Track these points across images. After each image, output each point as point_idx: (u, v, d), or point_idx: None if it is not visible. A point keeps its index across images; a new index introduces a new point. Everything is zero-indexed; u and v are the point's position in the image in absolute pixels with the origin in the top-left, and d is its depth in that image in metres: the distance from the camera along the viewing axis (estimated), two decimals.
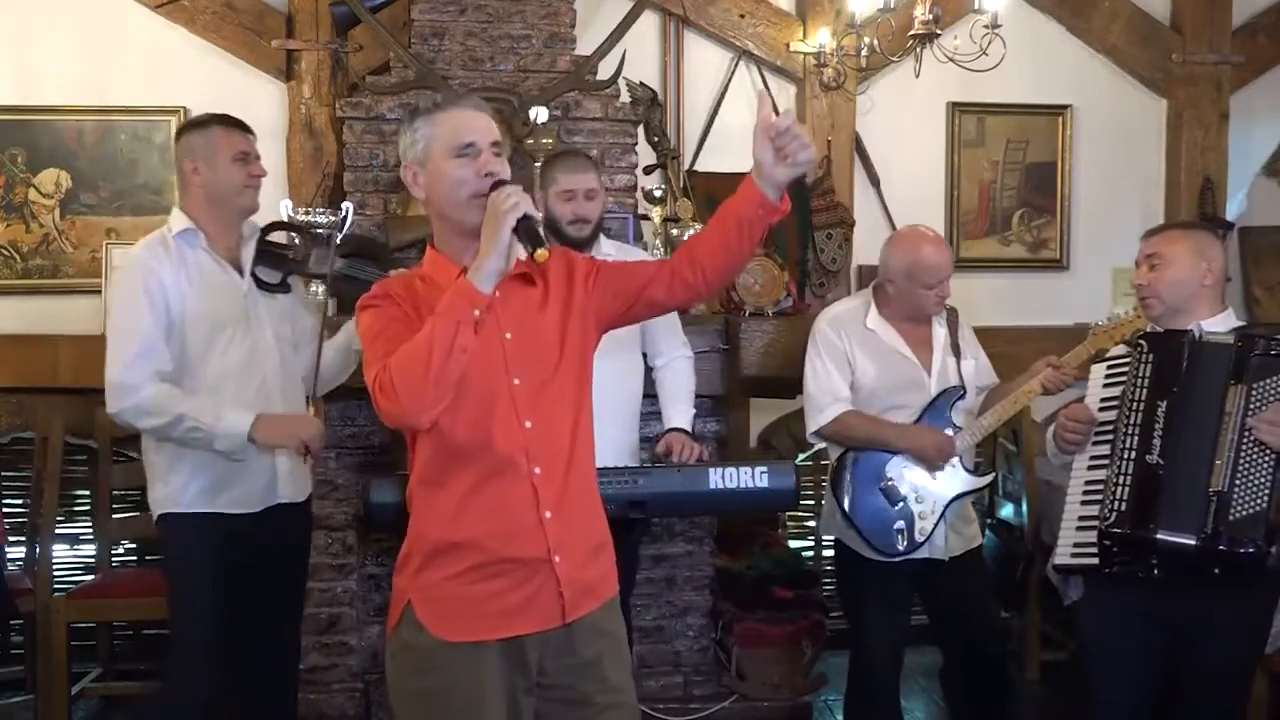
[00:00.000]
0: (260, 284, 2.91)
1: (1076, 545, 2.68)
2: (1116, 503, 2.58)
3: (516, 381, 2.07)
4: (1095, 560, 2.62)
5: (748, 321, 3.83)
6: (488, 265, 1.96)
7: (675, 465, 3.11)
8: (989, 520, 4.52)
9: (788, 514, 4.63)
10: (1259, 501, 2.48)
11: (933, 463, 3.12)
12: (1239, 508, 2.48)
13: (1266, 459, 2.49)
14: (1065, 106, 4.86)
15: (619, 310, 2.20)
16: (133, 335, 2.74)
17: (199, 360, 2.80)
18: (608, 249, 3.26)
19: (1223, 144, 4.89)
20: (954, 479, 3.14)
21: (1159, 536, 2.52)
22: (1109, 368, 2.77)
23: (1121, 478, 2.60)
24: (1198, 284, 2.69)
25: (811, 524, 4.69)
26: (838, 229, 4.58)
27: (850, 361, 3.19)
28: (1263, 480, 2.49)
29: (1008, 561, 4.29)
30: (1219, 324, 2.68)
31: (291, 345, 2.96)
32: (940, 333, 3.24)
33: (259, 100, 4.32)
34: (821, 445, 3.45)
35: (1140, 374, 2.65)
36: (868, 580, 3.17)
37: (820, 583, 4.11)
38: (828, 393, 3.18)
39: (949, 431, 3.14)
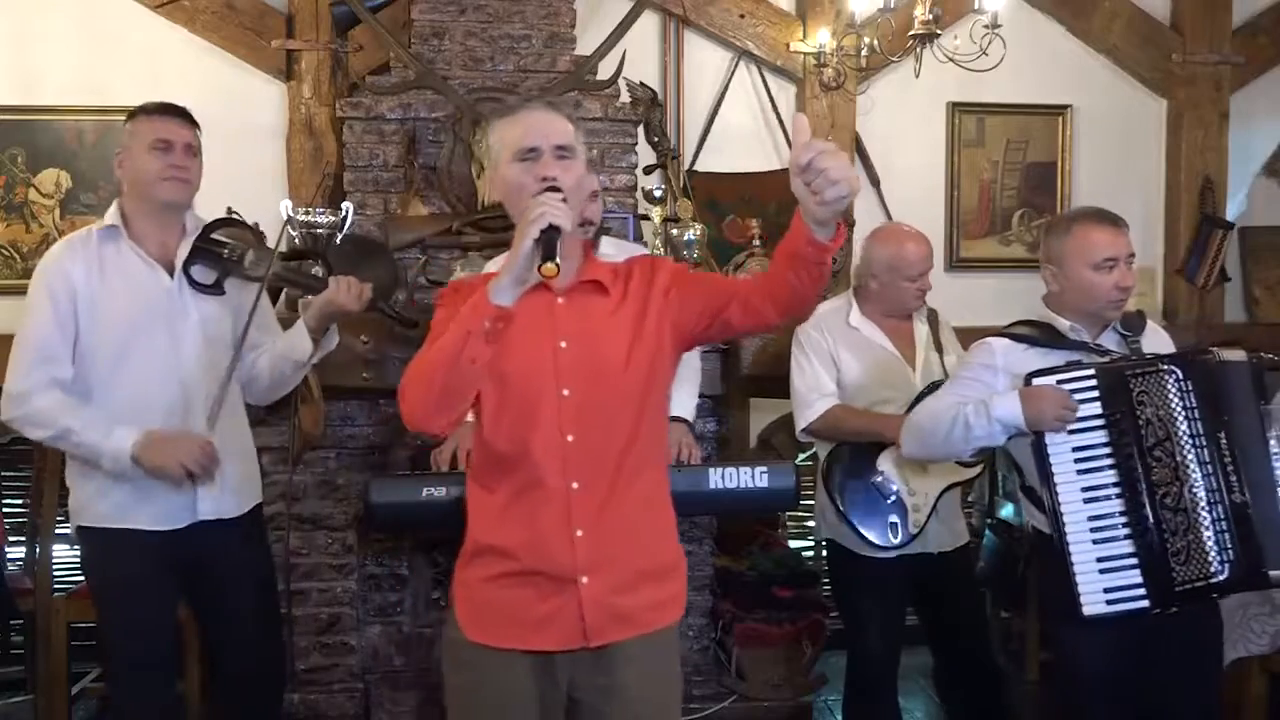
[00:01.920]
0: (193, 284, 2.72)
1: (1109, 590, 2.46)
2: (1225, 551, 2.43)
3: (565, 392, 2.00)
4: (1144, 604, 2.45)
5: None
6: (506, 276, 1.87)
7: (675, 465, 3.11)
8: (989, 520, 4.52)
9: (788, 514, 4.63)
10: None
11: None
12: None
13: None
14: (1065, 106, 4.86)
15: (700, 327, 2.08)
16: (30, 340, 2.62)
17: (114, 363, 2.64)
18: (607, 249, 3.25)
19: (1223, 144, 4.89)
20: (944, 470, 3.14)
21: (1271, 574, 2.44)
22: (1060, 384, 2.49)
23: (1216, 523, 2.44)
24: None
25: (811, 524, 4.67)
26: None
27: (835, 359, 3.20)
28: None
29: (1008, 561, 4.29)
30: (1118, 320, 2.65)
31: (224, 349, 2.75)
32: (922, 329, 3.27)
33: (259, 100, 4.32)
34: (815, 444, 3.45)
35: (1186, 403, 2.47)
36: (862, 579, 3.18)
37: (820, 583, 4.11)
38: (814, 389, 3.20)
39: None
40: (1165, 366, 2.49)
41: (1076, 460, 2.50)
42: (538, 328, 2.00)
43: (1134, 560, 2.45)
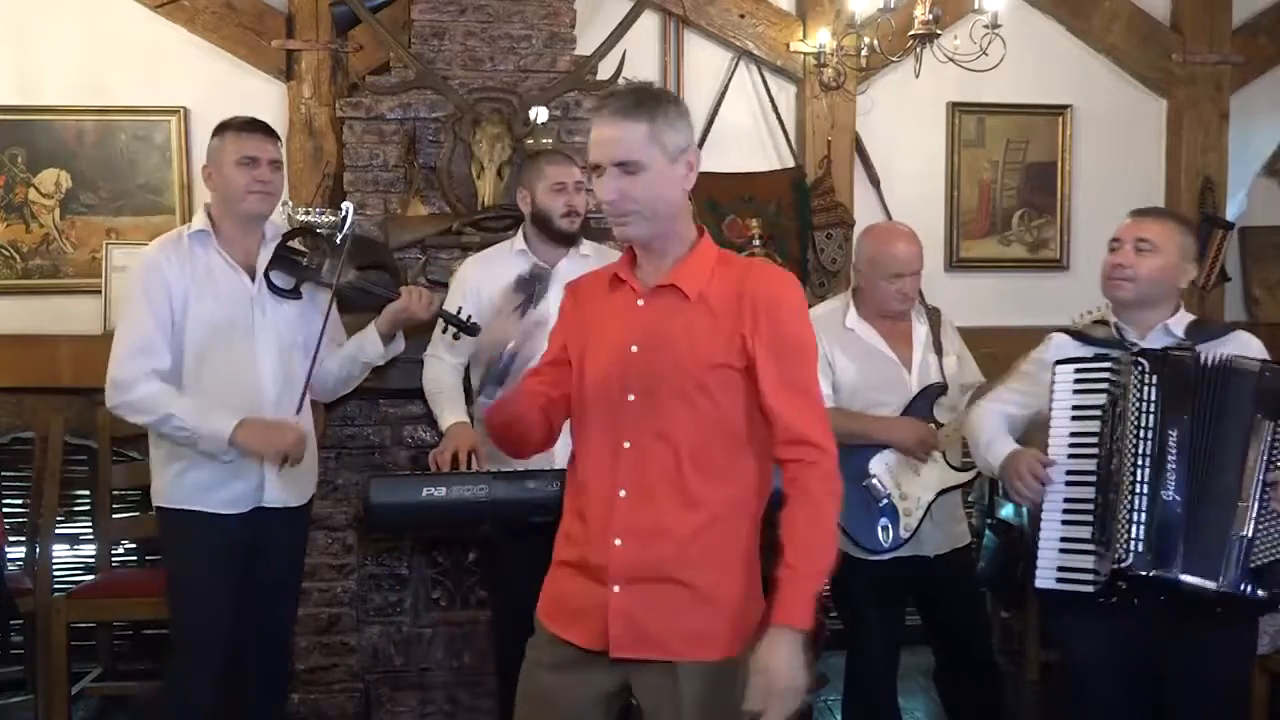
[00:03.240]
0: (273, 288, 2.92)
1: (1062, 570, 2.54)
2: (1132, 542, 2.42)
3: (631, 398, 1.98)
4: (1089, 589, 2.49)
5: None
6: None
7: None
8: (989, 520, 4.51)
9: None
10: (1278, 551, 2.40)
11: (915, 454, 3.12)
12: (1260, 554, 2.39)
13: None
14: (1065, 106, 4.86)
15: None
16: (131, 333, 2.80)
17: (199, 360, 2.83)
18: (585, 249, 3.25)
19: (1223, 144, 4.89)
20: (938, 474, 3.15)
21: (1182, 578, 2.40)
22: (1078, 371, 2.59)
23: (1135, 514, 2.43)
24: (1175, 282, 2.62)
25: None
26: (838, 229, 4.58)
27: (830, 362, 3.19)
28: None
29: (1008, 561, 4.28)
30: (1181, 322, 2.62)
31: (301, 351, 2.95)
32: (921, 330, 3.25)
33: (259, 100, 4.31)
34: None
35: (1144, 396, 2.46)
36: (861, 580, 3.17)
37: None
38: None
39: (931, 427, 3.15)
40: (1136, 359, 2.51)
41: (1070, 445, 2.57)
42: (617, 328, 2.01)
43: (1089, 546, 2.50)
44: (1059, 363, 2.62)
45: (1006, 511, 4.48)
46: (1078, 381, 2.58)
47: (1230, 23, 4.88)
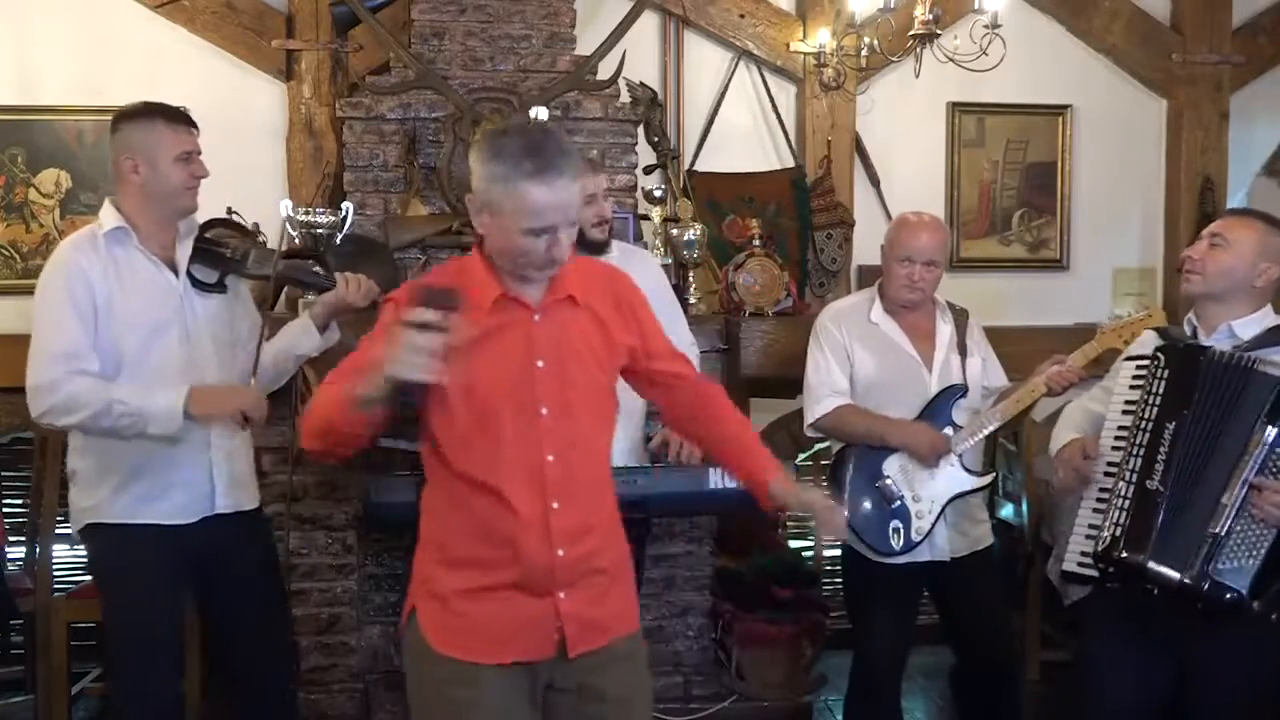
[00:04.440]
0: (196, 283, 2.77)
1: (1084, 554, 2.60)
2: (1113, 526, 2.52)
3: (544, 411, 2.00)
4: (1095, 573, 2.58)
5: (747, 322, 3.84)
6: (366, 388, 1.85)
7: (675, 465, 3.11)
8: (989, 520, 4.52)
9: (788, 514, 4.63)
10: (1254, 555, 2.39)
11: (926, 459, 3.10)
12: (1229, 558, 2.40)
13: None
14: (1065, 106, 4.86)
15: (629, 374, 2.20)
16: (54, 337, 2.62)
17: (137, 363, 2.67)
18: (614, 251, 3.24)
19: (1223, 144, 4.89)
20: (953, 478, 3.13)
21: (1149, 566, 2.45)
22: (1137, 367, 2.64)
23: (1121, 500, 2.52)
24: (1249, 280, 2.58)
25: (812, 524, 4.68)
26: (838, 229, 4.58)
27: (849, 355, 3.19)
28: (1263, 533, 2.40)
29: (1008, 561, 4.29)
30: (1253, 324, 2.58)
31: (229, 346, 2.83)
32: (945, 330, 3.23)
33: (259, 100, 4.32)
34: (823, 443, 3.44)
35: (1153, 389, 2.54)
36: (873, 581, 3.16)
37: (820, 583, 4.11)
38: (826, 385, 3.19)
39: (949, 430, 3.13)
40: (1156, 355, 2.58)
41: (1115, 438, 2.62)
42: (515, 347, 1.99)
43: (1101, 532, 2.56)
44: (1127, 359, 2.71)
45: (1006, 512, 4.48)
46: (1133, 377, 2.64)
47: (1230, 23, 4.88)
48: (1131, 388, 2.63)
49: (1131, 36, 4.86)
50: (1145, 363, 2.62)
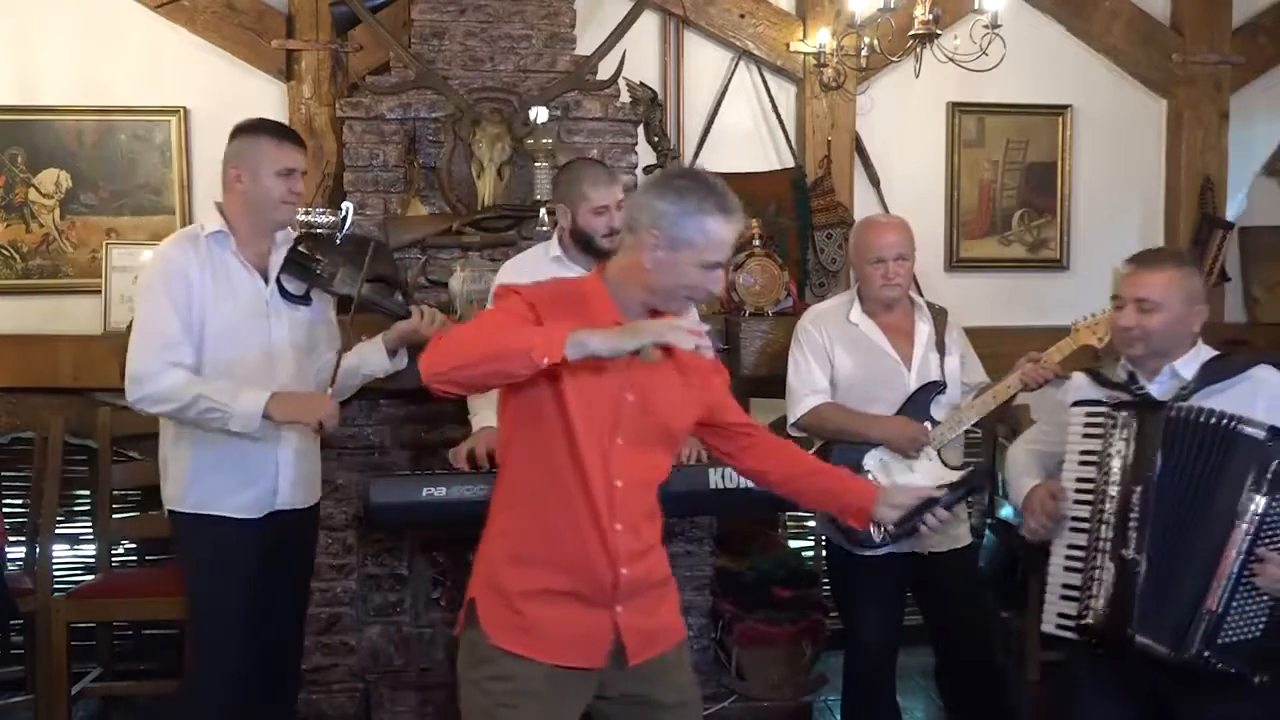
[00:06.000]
0: (284, 293, 2.91)
1: (1061, 615, 2.53)
2: (1092, 599, 2.44)
3: (620, 441, 2.13)
4: (1075, 635, 2.50)
5: (748, 321, 3.84)
6: (603, 344, 1.97)
7: (675, 465, 3.10)
8: (989, 520, 4.52)
9: (788, 514, 4.63)
10: (1254, 629, 2.32)
11: (905, 452, 3.15)
12: (1230, 632, 2.31)
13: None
14: (1065, 106, 4.86)
15: (704, 427, 2.37)
16: (154, 328, 2.77)
17: (216, 362, 2.81)
18: None
19: (1223, 144, 4.89)
20: (931, 472, 3.15)
21: (1136, 639, 2.37)
22: (1087, 415, 2.57)
23: (1097, 571, 2.45)
24: (1188, 328, 2.55)
25: (811, 524, 4.68)
26: (838, 229, 4.58)
27: (830, 356, 3.23)
28: (1261, 606, 2.32)
29: (1008, 561, 4.28)
30: (1191, 362, 2.54)
31: (306, 353, 2.96)
32: (924, 328, 3.27)
33: (259, 100, 4.31)
34: (804, 438, 3.45)
35: (1114, 449, 2.47)
36: (858, 577, 3.20)
37: (820, 583, 4.11)
38: (806, 385, 3.24)
39: (927, 424, 3.17)
40: (1116, 410, 2.51)
41: (1076, 490, 2.56)
42: (613, 377, 2.10)
43: (1077, 594, 2.50)
44: (1074, 404, 2.62)
45: (1006, 512, 4.48)
46: (1086, 425, 2.57)
47: (1230, 23, 4.88)
48: (1086, 436, 2.56)
49: (1131, 36, 4.86)
50: (1099, 414, 2.55)
